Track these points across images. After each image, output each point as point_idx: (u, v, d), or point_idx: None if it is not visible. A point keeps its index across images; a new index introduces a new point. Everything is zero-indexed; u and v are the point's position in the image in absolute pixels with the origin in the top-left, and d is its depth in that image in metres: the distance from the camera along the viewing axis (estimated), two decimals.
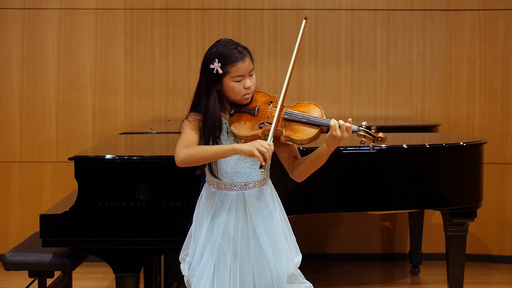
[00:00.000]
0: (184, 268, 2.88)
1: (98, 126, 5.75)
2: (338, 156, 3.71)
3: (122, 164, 3.41)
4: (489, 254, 5.78)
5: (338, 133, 2.67)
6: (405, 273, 5.49)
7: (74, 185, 3.45)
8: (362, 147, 3.75)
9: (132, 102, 5.76)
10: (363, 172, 3.79)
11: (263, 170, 2.64)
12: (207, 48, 2.73)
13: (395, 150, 3.91)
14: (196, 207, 2.93)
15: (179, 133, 2.82)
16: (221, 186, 2.84)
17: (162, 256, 4.54)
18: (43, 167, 5.76)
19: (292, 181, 3.20)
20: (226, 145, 2.72)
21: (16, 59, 5.71)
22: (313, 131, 2.73)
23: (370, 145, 2.73)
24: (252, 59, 2.85)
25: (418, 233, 5.35)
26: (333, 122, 2.69)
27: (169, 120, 5.72)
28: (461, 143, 4.04)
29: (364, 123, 2.73)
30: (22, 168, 5.75)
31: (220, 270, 2.81)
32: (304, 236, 5.68)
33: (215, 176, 2.82)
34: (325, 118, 2.76)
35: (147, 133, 4.78)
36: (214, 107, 2.78)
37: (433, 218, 5.74)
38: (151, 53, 5.75)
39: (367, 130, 2.71)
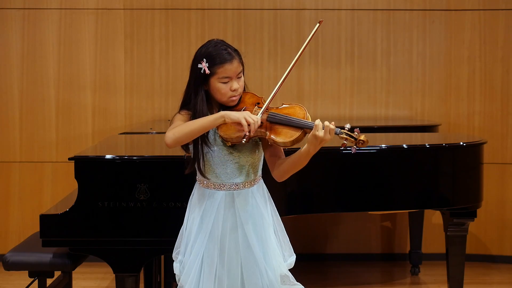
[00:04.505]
0: (175, 266, 2.91)
1: (98, 126, 5.75)
2: (338, 156, 3.72)
3: (122, 164, 3.41)
4: (489, 254, 5.78)
5: (321, 133, 2.62)
6: (405, 273, 5.49)
7: (74, 185, 3.45)
8: (362, 147, 3.74)
9: (132, 102, 5.76)
10: (363, 172, 3.79)
11: (245, 140, 2.63)
12: None
13: (395, 150, 3.91)
14: (187, 206, 2.94)
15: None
16: (211, 185, 2.84)
17: (162, 256, 4.54)
18: (43, 167, 5.76)
19: (292, 181, 3.19)
20: (213, 114, 2.71)
21: (16, 59, 5.71)
22: (295, 134, 2.70)
23: (352, 148, 2.66)
24: (241, 62, 2.81)
25: (418, 233, 5.34)
26: (317, 122, 2.64)
27: (169, 120, 5.69)
28: (461, 143, 4.04)
29: (347, 125, 2.67)
30: (22, 168, 5.75)
31: (205, 270, 2.81)
32: (304, 236, 5.68)
33: (203, 175, 2.82)
34: (309, 120, 2.72)
35: (147, 133, 4.78)
36: (201, 106, 2.78)
37: (433, 218, 5.74)
38: (151, 53, 5.75)
39: (349, 133, 2.65)
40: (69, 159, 3.41)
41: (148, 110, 5.77)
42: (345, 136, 2.65)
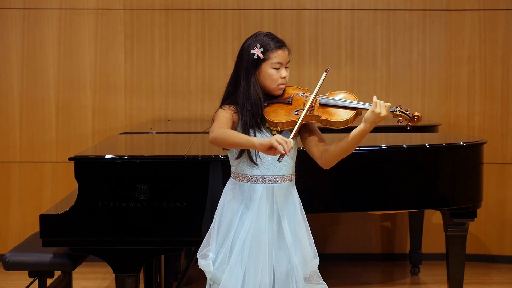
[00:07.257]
0: (207, 264, 2.86)
1: (98, 126, 5.75)
2: None
3: (122, 164, 3.41)
4: (489, 254, 5.78)
5: (378, 109, 2.72)
6: (405, 273, 5.49)
7: (74, 185, 3.45)
8: (361, 146, 3.75)
9: (132, 102, 5.76)
10: (363, 172, 3.78)
11: (281, 159, 2.64)
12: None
13: (395, 150, 3.91)
14: (220, 204, 2.92)
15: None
16: (252, 179, 2.84)
17: (162, 256, 4.54)
18: (43, 167, 5.76)
19: None
20: (247, 137, 2.70)
21: (16, 59, 5.71)
22: (350, 113, 2.81)
23: (408, 125, 2.80)
24: (289, 52, 2.91)
25: (418, 233, 5.35)
26: (375, 99, 2.75)
27: (169, 120, 5.72)
28: (461, 143, 4.04)
29: (399, 105, 2.84)
30: (22, 168, 5.75)
31: (251, 265, 2.82)
32: None
33: (253, 162, 2.81)
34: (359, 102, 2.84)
35: (147, 133, 4.78)
36: (256, 90, 2.82)
37: (433, 218, 5.74)
38: (151, 53, 5.75)
39: (402, 111, 2.79)
40: (69, 159, 3.41)
41: (148, 110, 5.77)
42: (399, 113, 2.79)
